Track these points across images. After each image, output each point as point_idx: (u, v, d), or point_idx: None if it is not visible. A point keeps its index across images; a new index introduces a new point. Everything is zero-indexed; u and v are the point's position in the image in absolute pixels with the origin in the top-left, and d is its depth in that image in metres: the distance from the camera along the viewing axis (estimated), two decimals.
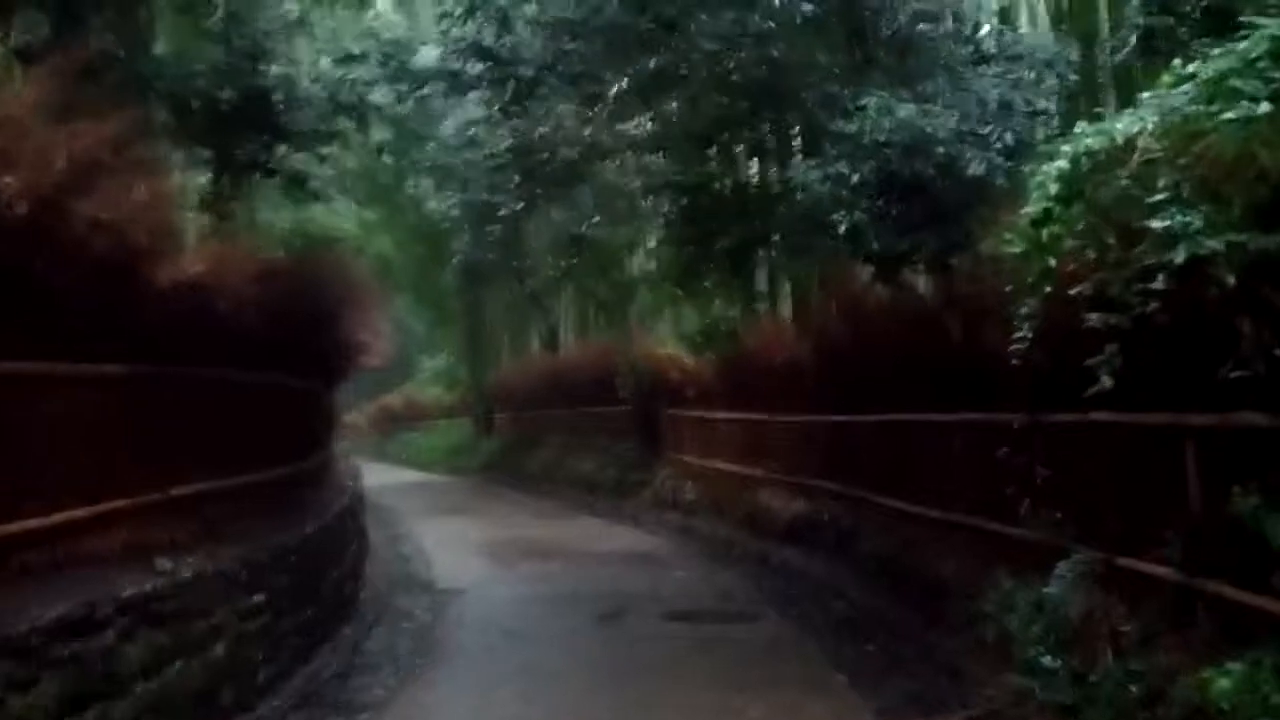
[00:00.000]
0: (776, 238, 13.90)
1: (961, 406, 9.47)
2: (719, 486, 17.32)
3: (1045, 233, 5.37)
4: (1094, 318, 5.07)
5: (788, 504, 14.41)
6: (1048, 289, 5.67)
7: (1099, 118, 5.82)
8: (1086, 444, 7.22)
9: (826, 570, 12.21)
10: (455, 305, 33.64)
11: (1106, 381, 5.12)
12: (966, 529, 9.53)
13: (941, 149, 9.13)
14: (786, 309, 16.68)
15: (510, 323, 35.00)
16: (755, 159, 16.71)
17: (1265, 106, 3.94)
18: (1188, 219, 4.17)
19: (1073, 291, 5.31)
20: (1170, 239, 4.32)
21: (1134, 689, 5.48)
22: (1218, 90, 4.18)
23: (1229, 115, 4.04)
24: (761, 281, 17.10)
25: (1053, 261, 5.46)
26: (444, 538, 17.52)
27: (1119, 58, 8.83)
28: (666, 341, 21.28)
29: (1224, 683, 4.33)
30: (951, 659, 8.34)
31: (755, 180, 16.74)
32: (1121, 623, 6.37)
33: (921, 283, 10.47)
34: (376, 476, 33.26)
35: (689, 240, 15.85)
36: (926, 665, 8.42)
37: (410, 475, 34.16)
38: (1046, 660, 6.30)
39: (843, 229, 9.20)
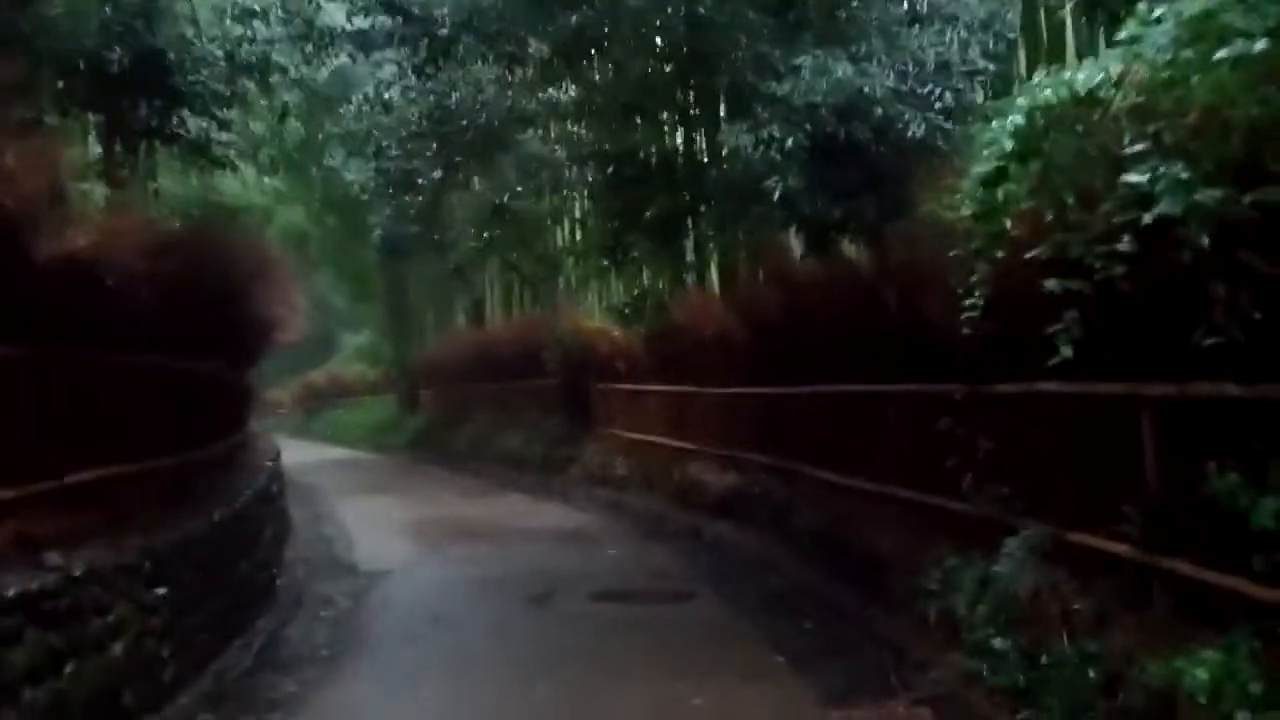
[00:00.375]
0: (705, 208, 13.51)
1: (898, 378, 9.19)
2: (650, 460, 16.99)
3: (1000, 192, 5.03)
4: (1051, 283, 4.74)
5: (720, 477, 14.12)
6: (999, 253, 5.33)
7: (1057, 69, 5.47)
8: (1034, 416, 6.95)
9: (760, 545, 11.94)
10: (377, 280, 32.85)
11: (1066, 351, 4.81)
12: (904, 502, 9.27)
13: (879, 110, 8.80)
14: (716, 280, 16.33)
15: (434, 298, 34.33)
16: (682, 128, 16.28)
17: (1262, 44, 3.60)
18: (1172, 171, 3.83)
19: (1028, 255, 4.97)
20: (1142, 197, 3.99)
21: (1091, 673, 5.21)
22: (1205, 28, 3.85)
23: (1221, 54, 3.70)
24: (689, 253, 16.73)
25: (1007, 223, 5.13)
26: (368, 517, 17.00)
27: (1061, 13, 8.54)
28: (595, 315, 20.87)
29: (1200, 673, 4.04)
30: (893, 638, 8.08)
31: (682, 149, 16.33)
32: (1074, 601, 6.11)
33: (855, 251, 10.13)
34: (300, 454, 32.51)
35: (615, 211, 15.46)
36: (868, 645, 8.15)
37: (335, 453, 33.44)
38: (996, 642, 6.02)
39: (776, 195, 8.81)
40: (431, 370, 31.79)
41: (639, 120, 15.73)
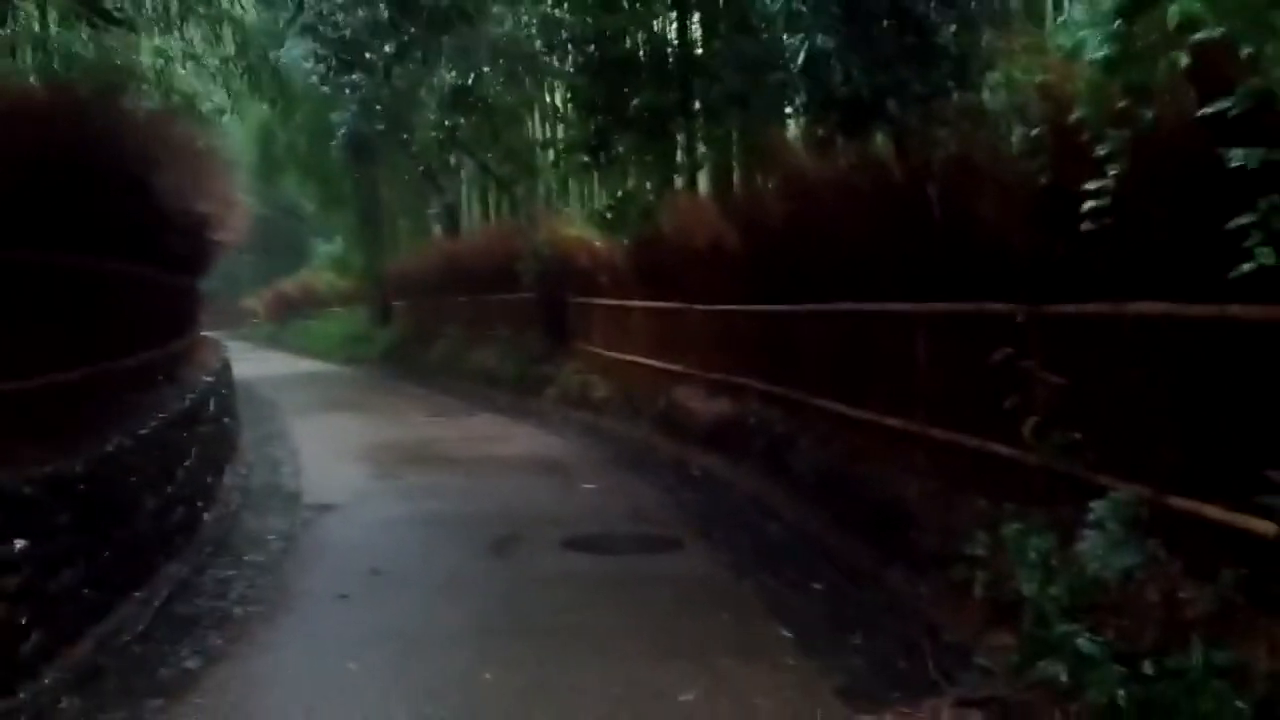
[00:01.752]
0: (699, 101, 11.85)
1: (934, 295, 7.71)
2: (632, 382, 15.54)
3: (1173, 10, 3.47)
4: (1238, 154, 3.24)
5: (710, 404, 12.67)
6: (1150, 113, 3.80)
7: None
8: (1124, 345, 5.48)
9: (756, 483, 10.54)
10: (346, 185, 30.94)
11: (1266, 256, 3.31)
12: (935, 444, 7.86)
13: None
14: (709, 185, 14.72)
15: (408, 205, 32.45)
16: (675, 13, 14.49)
17: None
18: None
19: (1203, 113, 3.45)
20: None
21: (1240, 700, 3.80)
22: None
23: None
24: (679, 152, 15.06)
25: (1183, 60, 3.57)
26: (325, 438, 15.61)
27: None
28: (575, 223, 19.22)
29: None
30: (922, 610, 6.70)
31: (676, 37, 14.56)
32: (1181, 589, 4.71)
33: (882, 144, 8.52)
34: (266, 366, 31.17)
35: (598, 104, 13.76)
36: (890, 617, 6.77)
37: (303, 365, 32.04)
38: (1083, 642, 4.60)
39: (799, 59, 7.18)
40: (404, 281, 30.17)
41: (625, 4, 13.98)
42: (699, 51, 13.02)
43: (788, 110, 10.03)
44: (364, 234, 32.68)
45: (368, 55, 13.39)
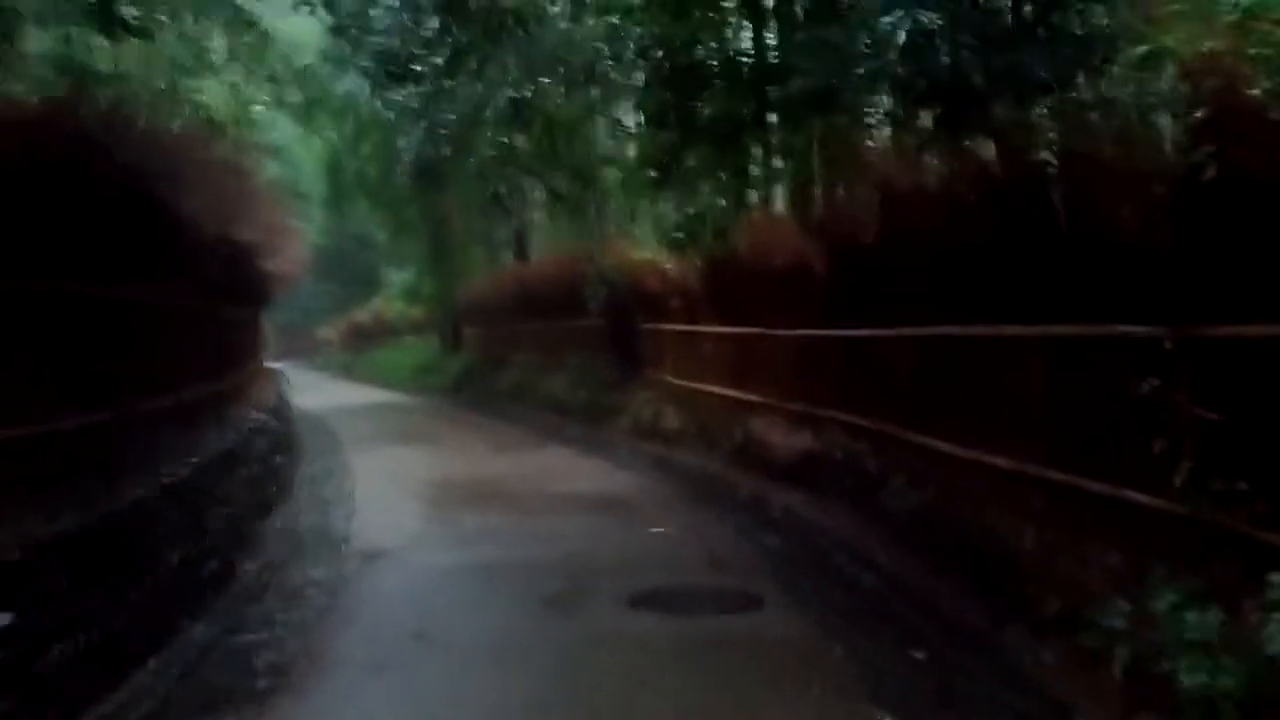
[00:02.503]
0: (777, 108, 10.94)
1: (1051, 316, 6.70)
2: (706, 412, 14.62)
3: None
4: None
5: (790, 436, 11.70)
6: None
7: None
8: None
9: (844, 526, 9.54)
10: (415, 212, 30.49)
11: None
12: (1054, 488, 6.83)
13: None
14: (787, 199, 13.77)
15: (478, 232, 31.88)
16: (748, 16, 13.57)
17: None
18: None
19: None
20: None
21: None
22: None
23: None
24: (755, 165, 14.12)
25: None
26: (384, 474, 14.90)
27: None
28: (644, 245, 18.40)
29: None
30: (1048, 686, 5.69)
31: (750, 47, 13.65)
32: None
33: (988, 143, 7.50)
34: (336, 396, 30.82)
35: (666, 117, 12.92)
36: (1011, 693, 5.75)
37: (373, 395, 31.63)
38: None
39: (901, 38, 6.21)
40: (474, 309, 29.65)
41: (696, 12, 13.10)
42: (774, 57, 12.09)
43: (877, 110, 9.06)
44: (434, 261, 32.23)
45: (415, 68, 12.64)
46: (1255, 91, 3.85)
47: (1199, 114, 4.22)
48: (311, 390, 34.35)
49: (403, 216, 30.98)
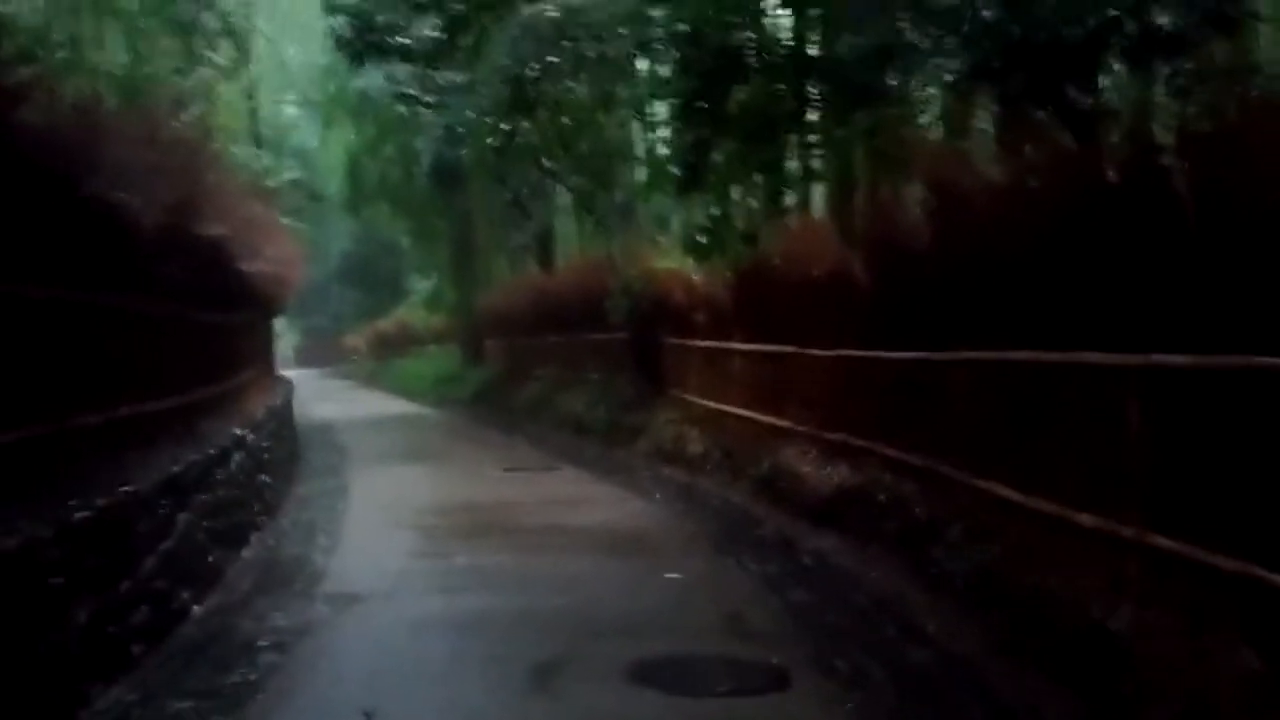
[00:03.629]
0: (818, 96, 9.65)
1: (1159, 341, 5.36)
2: (731, 437, 13.33)
3: None
4: None
5: (825, 469, 10.40)
6: None
7: None
8: None
9: (887, 581, 8.21)
10: (437, 216, 29.41)
11: None
12: (1159, 557, 5.49)
13: None
14: (827, 202, 12.46)
15: (502, 239, 30.78)
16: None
17: None
18: None
19: None
20: None
21: None
22: None
23: None
24: (788, 167, 12.78)
25: None
26: (383, 497, 13.78)
27: None
28: (670, 254, 17.13)
29: None
30: None
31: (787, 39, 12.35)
32: None
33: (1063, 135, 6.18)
34: (354, 407, 29.78)
35: (694, 105, 11.65)
36: None
37: (391, 406, 30.57)
38: None
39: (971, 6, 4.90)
40: (496, 318, 28.51)
41: None
42: (815, 45, 10.81)
43: (939, 85, 7.76)
44: (455, 268, 31.17)
45: (400, 40, 11.36)
46: None
47: None
48: (331, 399, 33.43)
49: (424, 221, 29.92)
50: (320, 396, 35.15)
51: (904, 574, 8.10)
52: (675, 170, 11.84)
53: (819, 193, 12.57)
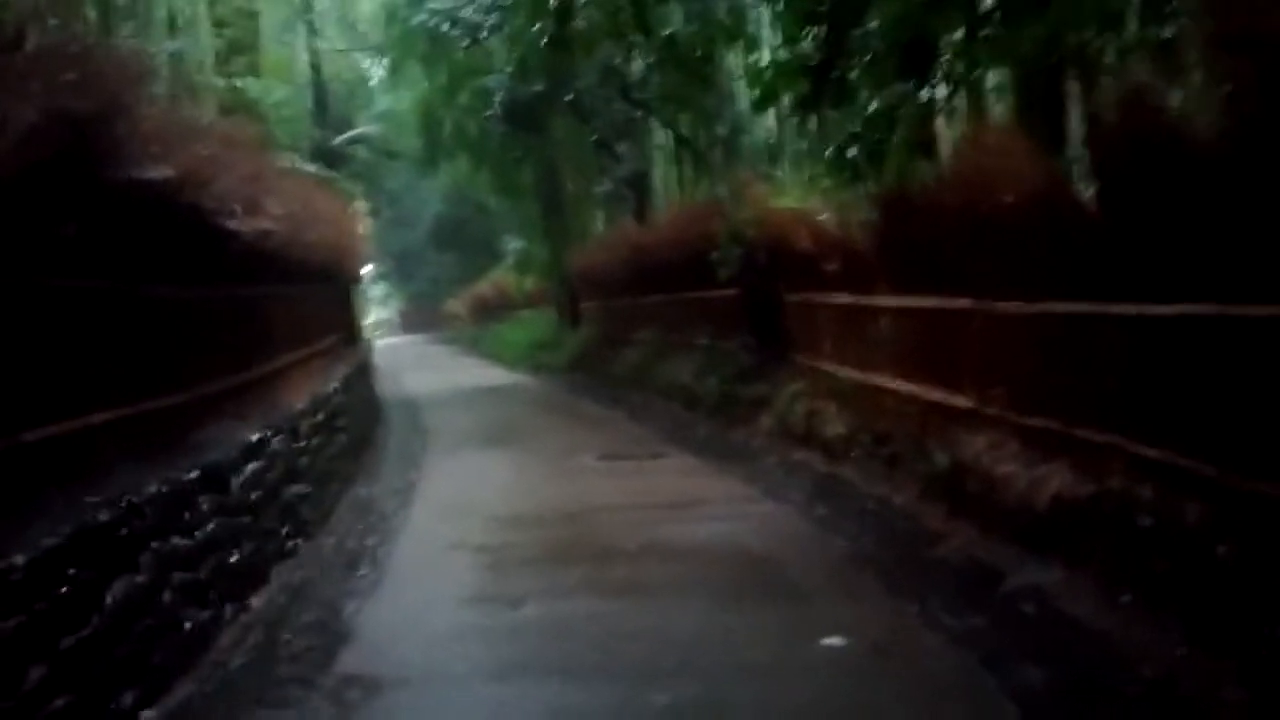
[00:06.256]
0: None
1: None
2: (883, 416, 10.46)
3: None
4: None
5: (1034, 470, 7.44)
6: None
7: None
8: None
9: (1161, 647, 5.35)
10: (521, 167, 26.75)
11: None
12: None
13: None
14: (1008, 107, 9.42)
15: (594, 188, 27.99)
16: None
17: None
18: None
19: None
20: None
21: None
22: None
23: None
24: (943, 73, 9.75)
25: None
26: (451, 502, 11.53)
27: None
28: (791, 192, 14.22)
29: None
30: None
31: None
32: None
33: None
34: (445, 377, 27.72)
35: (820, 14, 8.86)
36: None
37: (485, 375, 28.54)
38: None
39: None
40: (591, 278, 25.90)
41: None
42: None
43: None
44: (545, 224, 28.58)
45: None
46: None
47: None
48: (427, 368, 31.60)
49: (506, 174, 27.32)
50: (417, 364, 33.41)
51: (1188, 636, 5.25)
52: (800, 84, 8.97)
53: (997, 96, 9.51)
